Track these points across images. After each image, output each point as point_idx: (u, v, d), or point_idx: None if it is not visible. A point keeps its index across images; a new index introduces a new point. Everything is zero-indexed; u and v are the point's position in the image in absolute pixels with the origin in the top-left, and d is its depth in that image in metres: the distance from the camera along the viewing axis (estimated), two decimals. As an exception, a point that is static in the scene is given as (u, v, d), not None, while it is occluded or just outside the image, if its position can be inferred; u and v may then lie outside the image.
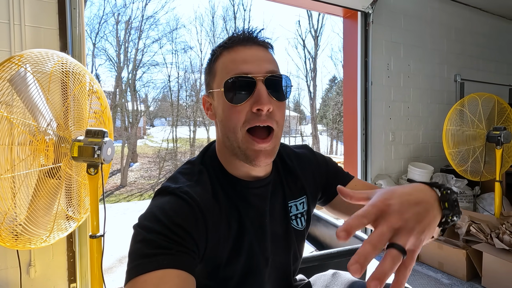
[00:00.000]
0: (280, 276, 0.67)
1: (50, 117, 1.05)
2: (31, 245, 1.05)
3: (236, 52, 0.57)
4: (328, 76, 16.39)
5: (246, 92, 0.55)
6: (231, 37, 0.59)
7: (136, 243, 0.48)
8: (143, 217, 0.51)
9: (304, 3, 2.47)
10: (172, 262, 0.45)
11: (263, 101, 0.54)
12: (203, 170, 0.60)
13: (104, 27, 12.68)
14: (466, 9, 3.28)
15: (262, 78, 0.55)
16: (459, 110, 2.31)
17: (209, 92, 0.62)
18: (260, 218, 0.62)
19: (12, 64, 0.93)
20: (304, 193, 0.70)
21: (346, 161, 2.84)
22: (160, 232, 0.47)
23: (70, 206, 1.22)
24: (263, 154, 0.56)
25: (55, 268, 1.56)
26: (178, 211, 0.51)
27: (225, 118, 0.57)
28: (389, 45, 2.78)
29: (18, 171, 0.99)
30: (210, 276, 0.57)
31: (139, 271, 0.44)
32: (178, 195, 0.53)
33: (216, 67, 0.59)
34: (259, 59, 0.57)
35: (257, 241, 0.61)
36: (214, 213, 0.56)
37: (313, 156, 0.74)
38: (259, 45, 0.59)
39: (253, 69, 0.55)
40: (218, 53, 0.59)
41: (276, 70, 0.57)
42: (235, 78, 0.55)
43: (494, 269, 1.81)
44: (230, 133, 0.57)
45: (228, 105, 0.56)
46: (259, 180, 0.63)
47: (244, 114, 0.55)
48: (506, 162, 2.34)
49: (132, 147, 13.08)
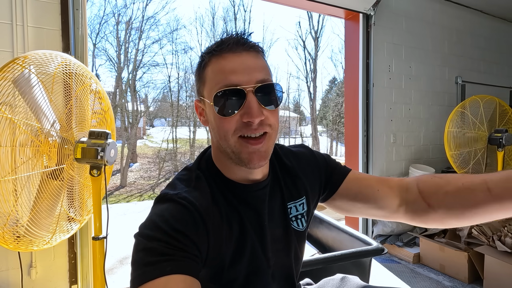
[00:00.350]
0: (284, 277, 0.67)
1: (53, 118, 1.05)
2: (33, 247, 1.05)
3: (225, 60, 0.55)
4: (328, 77, 16.43)
5: (236, 104, 0.54)
6: (219, 43, 0.57)
7: (138, 252, 0.48)
8: (143, 226, 0.51)
9: (305, 5, 2.48)
10: (176, 268, 0.45)
11: (254, 114, 0.53)
12: (200, 176, 0.60)
13: (104, 27, 12.68)
14: (467, 11, 3.28)
15: (252, 89, 0.54)
16: (461, 112, 2.32)
17: (200, 98, 0.61)
18: (259, 220, 0.62)
19: (17, 65, 0.93)
20: (304, 194, 0.69)
21: (347, 163, 2.84)
22: (161, 240, 0.47)
23: (72, 208, 1.22)
24: (256, 155, 0.55)
25: (56, 269, 1.55)
26: (177, 217, 0.51)
27: (216, 127, 0.57)
28: (390, 47, 2.79)
29: (21, 172, 0.98)
30: (213, 279, 0.57)
31: (143, 280, 0.44)
32: (176, 201, 0.53)
33: (205, 75, 0.58)
34: (249, 67, 0.55)
35: (259, 242, 0.61)
36: (214, 216, 0.56)
37: (311, 154, 0.74)
38: (248, 50, 0.56)
39: (243, 79, 0.54)
40: (206, 59, 0.58)
41: (266, 78, 0.56)
42: (224, 91, 0.53)
43: (496, 272, 1.81)
44: (222, 140, 0.57)
45: (218, 117, 0.55)
46: (257, 183, 0.63)
47: (234, 124, 0.54)
48: (507, 165, 2.34)
49: (132, 147, 13.08)
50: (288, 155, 0.71)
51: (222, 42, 0.57)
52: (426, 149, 3.07)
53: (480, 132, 2.29)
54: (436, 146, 3.10)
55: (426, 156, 3.06)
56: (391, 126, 2.83)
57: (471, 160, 2.29)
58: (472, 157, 2.29)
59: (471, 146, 2.29)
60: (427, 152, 3.08)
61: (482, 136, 2.28)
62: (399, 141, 2.89)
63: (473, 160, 2.29)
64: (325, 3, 2.41)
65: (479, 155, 2.29)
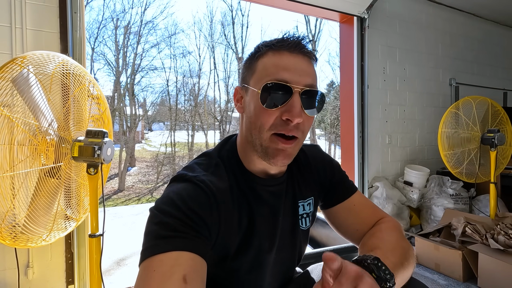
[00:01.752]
0: (284, 271, 0.70)
1: (51, 117, 1.07)
2: (31, 244, 1.06)
3: (280, 56, 0.57)
4: (326, 81, 16.47)
5: (281, 99, 0.55)
6: (280, 40, 0.59)
7: (153, 224, 0.50)
8: (160, 201, 0.53)
9: (301, 8, 2.52)
10: (187, 245, 0.47)
11: (295, 113, 0.55)
12: (220, 163, 0.62)
13: (103, 32, 12.75)
14: (460, 15, 3.34)
15: (299, 90, 0.55)
16: (454, 113, 2.35)
17: (243, 85, 0.62)
18: (273, 215, 0.64)
19: (15, 65, 0.95)
20: (312, 194, 0.72)
21: (343, 164, 2.86)
22: (177, 217, 0.49)
23: (69, 207, 1.23)
24: (283, 154, 0.57)
25: (53, 269, 1.56)
26: (194, 198, 0.52)
27: (254, 117, 0.58)
28: (384, 50, 2.83)
29: (19, 170, 1.00)
30: (218, 265, 0.59)
31: (155, 251, 0.46)
32: (194, 183, 0.55)
33: (257, 65, 0.59)
34: (301, 69, 0.57)
35: (267, 238, 0.63)
36: (228, 205, 0.58)
37: (323, 158, 0.75)
38: (304, 55, 0.58)
39: (293, 78, 0.55)
40: (262, 51, 0.59)
41: (314, 84, 0.58)
42: (274, 83, 0.55)
43: (490, 270, 1.83)
44: (255, 132, 0.58)
45: (260, 106, 0.56)
46: (275, 178, 0.64)
47: (273, 118, 0.56)
48: (500, 164, 2.37)
49: (130, 151, 13.06)
50: (302, 154, 0.73)
51: (283, 40, 0.59)
52: (421, 150, 3.10)
53: (473, 133, 2.32)
54: (431, 147, 3.13)
55: (421, 157, 3.10)
56: (386, 127, 2.86)
57: (465, 160, 2.32)
58: (465, 157, 2.32)
59: (465, 146, 2.32)
60: (422, 153, 3.11)
61: (475, 136, 2.32)
62: (394, 142, 2.92)
63: (466, 160, 2.32)
64: (320, 6, 2.46)
65: (472, 155, 2.32)
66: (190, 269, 0.45)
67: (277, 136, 0.57)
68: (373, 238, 0.62)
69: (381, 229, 0.65)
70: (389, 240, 0.60)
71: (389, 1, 2.84)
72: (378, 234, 0.63)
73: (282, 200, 0.66)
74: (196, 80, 14.44)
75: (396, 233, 0.63)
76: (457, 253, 1.99)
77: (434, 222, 2.62)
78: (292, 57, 0.57)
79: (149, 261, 0.46)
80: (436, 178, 2.76)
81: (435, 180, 2.75)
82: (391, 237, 0.61)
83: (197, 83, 14.45)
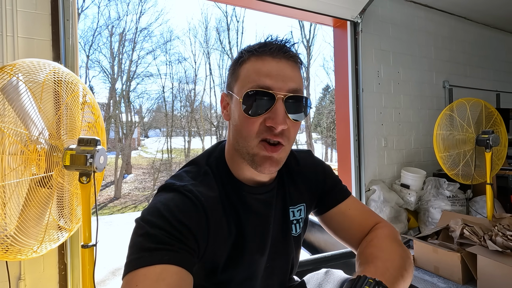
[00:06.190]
0: (277, 280, 0.68)
1: (42, 126, 1.05)
2: (21, 256, 1.03)
3: (263, 62, 0.55)
4: (321, 85, 16.61)
5: (264, 106, 0.54)
6: (262, 45, 0.57)
7: (138, 236, 0.48)
8: (146, 211, 0.51)
9: (295, 14, 2.54)
10: (173, 258, 0.45)
11: (278, 121, 0.53)
12: (208, 172, 0.60)
13: (98, 39, 12.71)
14: (451, 18, 3.39)
15: (282, 96, 0.54)
16: (448, 115, 2.36)
17: (228, 92, 0.61)
18: (264, 224, 0.62)
19: (4, 73, 0.94)
20: (304, 201, 0.70)
21: (340, 167, 2.86)
22: (163, 228, 0.47)
23: (61, 217, 1.20)
24: (269, 161, 0.56)
25: (46, 281, 1.52)
26: (182, 208, 0.51)
27: (239, 125, 0.57)
28: (378, 53, 2.85)
29: (10, 180, 0.98)
30: (207, 278, 0.57)
31: (138, 264, 0.44)
32: (182, 193, 0.53)
33: (240, 71, 0.58)
34: (284, 75, 0.55)
35: (258, 248, 0.61)
36: (217, 215, 0.56)
37: (314, 164, 0.74)
38: (288, 59, 0.56)
39: (276, 85, 0.54)
40: (245, 57, 0.57)
41: (299, 89, 0.56)
42: (255, 91, 0.53)
43: (489, 271, 1.82)
44: (242, 140, 0.57)
45: (243, 115, 0.55)
46: (264, 186, 0.63)
47: (257, 125, 0.55)
48: (496, 165, 2.38)
49: (126, 158, 12.97)
50: (294, 160, 0.72)
51: (265, 44, 0.57)
52: (417, 152, 3.11)
53: (468, 134, 2.33)
54: (427, 149, 3.14)
55: (418, 159, 3.10)
56: (382, 130, 2.87)
57: (461, 161, 2.33)
58: (461, 158, 2.33)
59: (460, 148, 2.33)
60: (418, 155, 3.12)
61: (470, 138, 2.33)
62: (390, 145, 2.92)
63: (462, 162, 2.33)
64: (314, 11, 2.48)
65: (468, 157, 2.33)
66: (175, 284, 0.43)
67: (263, 142, 0.55)
68: (371, 247, 0.61)
69: (377, 235, 0.64)
70: (387, 249, 0.59)
71: (382, 6, 2.88)
72: (375, 242, 0.62)
73: (273, 208, 0.64)
74: (192, 86, 14.47)
75: (393, 240, 0.62)
76: (455, 255, 1.98)
77: (431, 224, 2.61)
78: (275, 62, 0.55)
79: (132, 275, 0.44)
80: (432, 180, 2.76)
81: (431, 182, 2.75)
82: (389, 246, 0.60)
83: (193, 89, 14.48)
